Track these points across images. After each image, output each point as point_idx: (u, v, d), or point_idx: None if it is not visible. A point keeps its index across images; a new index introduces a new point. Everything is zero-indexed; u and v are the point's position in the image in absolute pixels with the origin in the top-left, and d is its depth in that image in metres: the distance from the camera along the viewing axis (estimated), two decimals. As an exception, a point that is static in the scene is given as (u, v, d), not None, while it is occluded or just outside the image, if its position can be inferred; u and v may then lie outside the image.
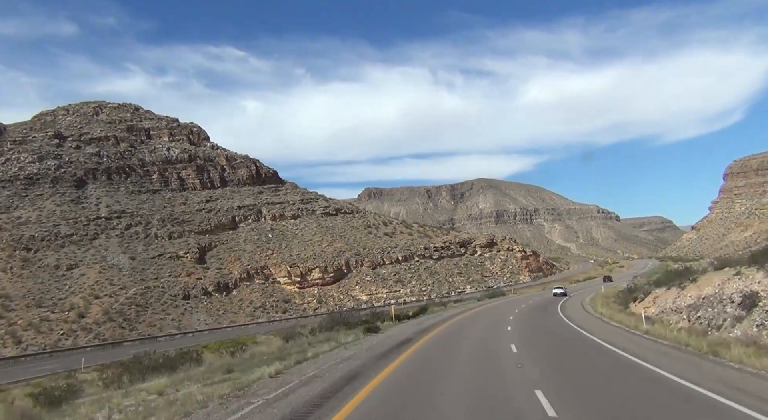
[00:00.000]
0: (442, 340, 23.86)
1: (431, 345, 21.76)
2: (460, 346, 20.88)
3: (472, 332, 27.20)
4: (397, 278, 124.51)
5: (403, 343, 22.90)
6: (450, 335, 26.00)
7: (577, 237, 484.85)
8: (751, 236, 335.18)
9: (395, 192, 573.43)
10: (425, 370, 15.60)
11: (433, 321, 36.39)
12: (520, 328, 27.54)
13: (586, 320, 30.34)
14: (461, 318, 38.70)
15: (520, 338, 22.18)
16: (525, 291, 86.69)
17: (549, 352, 18.45)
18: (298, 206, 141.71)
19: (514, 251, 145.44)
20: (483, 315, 40.14)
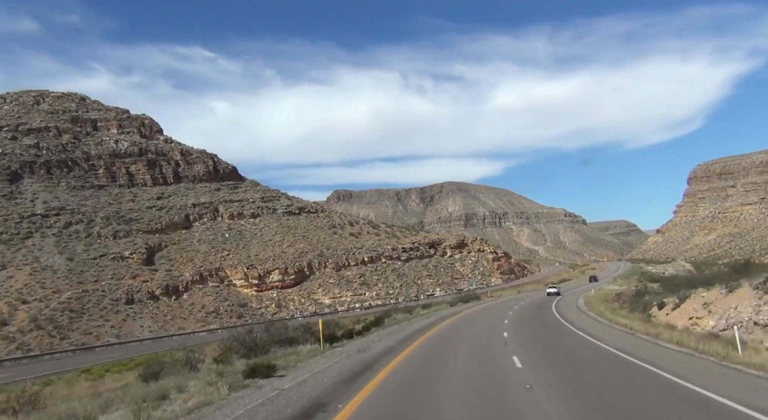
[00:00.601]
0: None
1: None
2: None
3: (459, 372, 14.90)
4: (363, 281, 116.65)
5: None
6: (412, 392, 12.26)
7: (545, 240, 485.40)
8: (715, 239, 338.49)
9: (364, 194, 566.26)
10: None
11: (387, 344, 22.32)
12: (540, 367, 14.96)
13: (623, 340, 20.17)
14: (433, 336, 25.67)
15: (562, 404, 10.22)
16: (500, 294, 79.82)
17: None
18: (259, 204, 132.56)
19: (486, 253, 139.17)
20: (464, 329, 28.34)
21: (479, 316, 37.67)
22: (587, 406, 9.79)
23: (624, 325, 23.13)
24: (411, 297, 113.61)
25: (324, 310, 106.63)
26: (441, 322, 33.76)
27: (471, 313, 40.42)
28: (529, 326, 28.18)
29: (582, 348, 19.04)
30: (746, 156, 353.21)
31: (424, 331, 28.00)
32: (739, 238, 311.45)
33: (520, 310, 40.29)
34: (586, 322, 28.66)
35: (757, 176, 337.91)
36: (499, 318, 33.27)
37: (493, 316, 36.16)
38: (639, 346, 18.05)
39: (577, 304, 40.91)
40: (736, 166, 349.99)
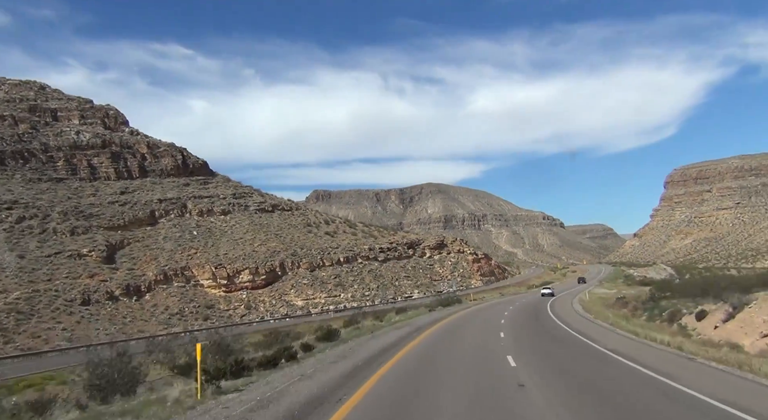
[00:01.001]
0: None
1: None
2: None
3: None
4: (338, 282, 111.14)
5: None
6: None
7: (524, 243, 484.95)
8: (691, 244, 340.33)
9: (344, 195, 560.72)
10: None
11: (319, 383, 13.95)
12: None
13: (690, 372, 14.03)
14: (401, 365, 17.05)
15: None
16: (482, 297, 75.11)
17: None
18: (230, 201, 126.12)
19: (466, 254, 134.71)
20: (447, 350, 20.30)
21: (465, 325, 30.44)
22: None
23: (661, 341, 17.45)
24: (388, 299, 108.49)
25: (296, 312, 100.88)
26: (415, 336, 25.45)
27: (454, 321, 33.17)
28: (540, 345, 20.63)
29: (638, 386, 12.39)
30: (722, 161, 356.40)
31: (389, 353, 19.48)
32: (715, 242, 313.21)
33: (515, 318, 33.68)
34: (610, 337, 21.37)
35: (732, 181, 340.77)
36: (492, 330, 26.31)
37: (483, 326, 29.06)
38: (730, 386, 11.89)
39: (575, 308, 36.12)
40: (712, 171, 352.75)
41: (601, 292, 55.62)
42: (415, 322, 31.42)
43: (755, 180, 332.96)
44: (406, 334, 26.19)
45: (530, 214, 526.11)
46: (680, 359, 15.79)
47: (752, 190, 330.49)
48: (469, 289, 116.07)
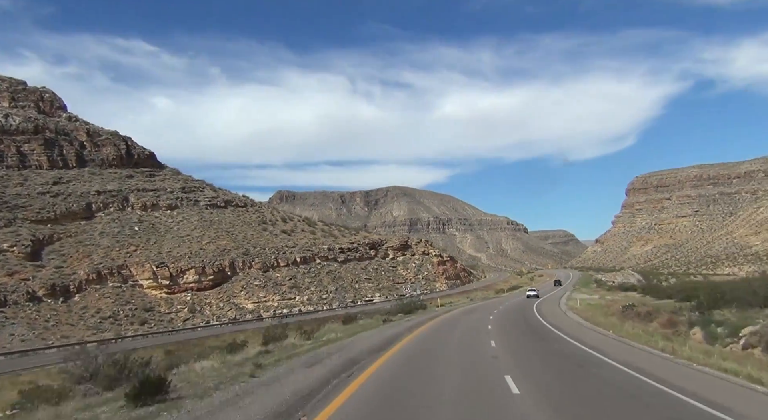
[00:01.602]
0: None
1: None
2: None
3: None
4: (293, 283, 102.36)
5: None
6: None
7: (488, 247, 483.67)
8: (652, 250, 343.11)
9: (308, 196, 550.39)
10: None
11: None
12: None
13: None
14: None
15: None
16: (449, 302, 67.22)
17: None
18: (178, 195, 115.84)
19: (431, 256, 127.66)
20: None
21: (436, 354, 18.43)
22: None
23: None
24: (347, 302, 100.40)
25: (246, 316, 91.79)
26: (342, 386, 12.85)
27: (416, 343, 21.95)
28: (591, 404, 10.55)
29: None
30: (681, 170, 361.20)
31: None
32: (674, 249, 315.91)
33: (508, 335, 23.77)
34: (698, 380, 12.01)
35: (691, 189, 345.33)
36: (487, 367, 15.24)
37: (467, 356, 17.72)
38: None
39: (576, 319, 28.36)
40: (672, 180, 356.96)
41: (588, 298, 49.20)
42: (351, 347, 19.41)
43: (713, 189, 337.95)
44: (343, 367, 15.15)
45: (495, 219, 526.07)
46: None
47: (710, 198, 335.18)
48: (434, 292, 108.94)
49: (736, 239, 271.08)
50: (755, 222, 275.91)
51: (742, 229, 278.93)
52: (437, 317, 37.29)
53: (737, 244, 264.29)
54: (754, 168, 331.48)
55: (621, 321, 23.11)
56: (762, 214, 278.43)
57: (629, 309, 26.77)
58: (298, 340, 19.27)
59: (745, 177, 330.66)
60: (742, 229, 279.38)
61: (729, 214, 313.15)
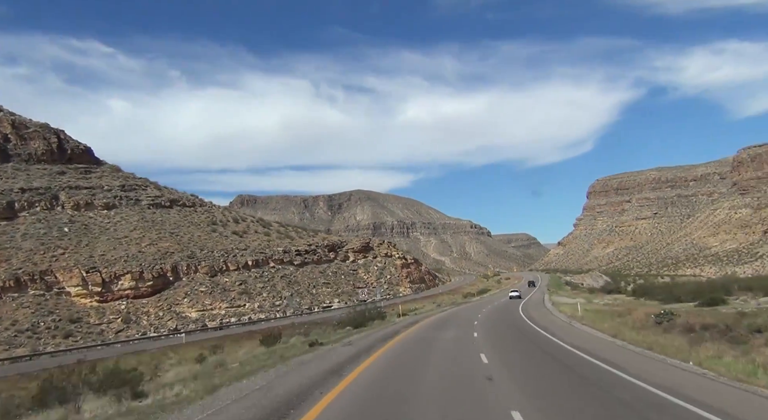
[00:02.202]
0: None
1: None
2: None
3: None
4: (244, 289, 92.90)
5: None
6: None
7: (452, 251, 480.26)
8: (613, 252, 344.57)
9: (270, 200, 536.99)
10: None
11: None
12: None
13: None
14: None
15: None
16: (414, 308, 58.75)
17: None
18: (116, 193, 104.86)
19: (394, 258, 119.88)
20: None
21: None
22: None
23: None
24: (303, 309, 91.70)
25: (189, 325, 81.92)
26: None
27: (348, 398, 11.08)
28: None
29: None
30: (640, 172, 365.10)
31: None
32: (635, 251, 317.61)
33: (523, 381, 12.52)
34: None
35: (650, 192, 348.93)
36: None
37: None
38: None
39: (604, 338, 20.29)
40: (631, 182, 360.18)
41: (583, 303, 41.79)
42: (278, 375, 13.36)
43: (671, 191, 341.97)
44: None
45: (458, 223, 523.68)
46: None
47: (668, 200, 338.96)
48: (396, 297, 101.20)
49: (695, 241, 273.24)
50: (713, 224, 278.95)
51: (701, 230, 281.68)
52: (396, 336, 25.83)
53: (696, 245, 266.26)
54: (710, 171, 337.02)
55: (668, 338, 15.57)
56: (719, 216, 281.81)
57: (664, 318, 19.45)
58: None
59: (701, 179, 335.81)
60: (700, 230, 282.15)
61: (687, 216, 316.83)
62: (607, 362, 13.79)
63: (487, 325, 28.90)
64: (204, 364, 16.90)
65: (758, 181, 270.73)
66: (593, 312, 27.72)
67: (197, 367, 17.75)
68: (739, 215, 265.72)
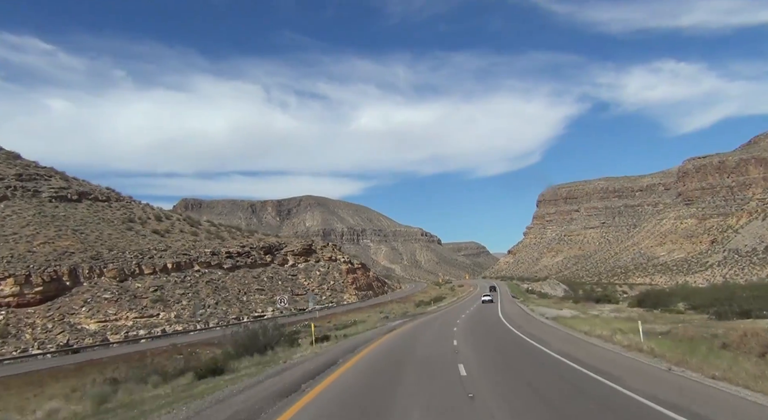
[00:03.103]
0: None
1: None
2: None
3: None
4: (158, 296, 78.22)
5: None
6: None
7: (402, 259, 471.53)
8: (562, 261, 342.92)
9: (216, 204, 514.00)
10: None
11: None
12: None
13: None
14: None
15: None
16: (353, 320, 46.46)
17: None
18: (10, 183, 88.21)
19: (339, 262, 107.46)
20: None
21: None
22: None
23: None
24: (230, 319, 77.93)
25: (85, 339, 66.87)
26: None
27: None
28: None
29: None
30: (589, 182, 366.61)
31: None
32: (584, 259, 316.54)
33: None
34: None
35: (598, 201, 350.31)
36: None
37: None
38: None
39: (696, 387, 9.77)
40: (580, 192, 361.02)
41: (586, 317, 31.59)
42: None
43: (618, 201, 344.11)
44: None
45: (409, 230, 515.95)
46: None
47: (616, 210, 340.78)
48: (340, 305, 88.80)
49: (642, 250, 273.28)
50: (659, 233, 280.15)
51: (648, 240, 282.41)
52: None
53: (644, 254, 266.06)
54: (655, 181, 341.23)
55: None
56: (665, 226, 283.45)
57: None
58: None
59: (646, 190, 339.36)
60: (647, 240, 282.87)
61: (633, 226, 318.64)
62: None
63: (493, 376, 13.98)
64: None
65: (702, 192, 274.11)
66: (653, 336, 17.10)
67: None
68: (684, 225, 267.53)
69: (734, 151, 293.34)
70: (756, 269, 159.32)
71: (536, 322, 30.50)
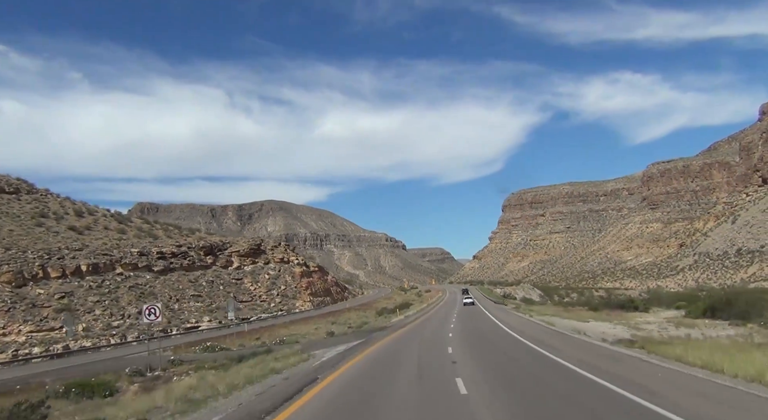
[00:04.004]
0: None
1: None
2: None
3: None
4: (64, 304, 63.65)
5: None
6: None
7: (366, 264, 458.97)
8: (528, 266, 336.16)
9: (174, 209, 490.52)
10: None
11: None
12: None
13: None
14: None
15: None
16: (282, 336, 33.13)
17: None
18: None
19: (292, 265, 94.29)
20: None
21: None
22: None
23: None
24: (154, 331, 63.81)
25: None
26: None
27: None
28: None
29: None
30: (554, 186, 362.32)
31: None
32: (550, 264, 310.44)
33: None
34: None
35: (563, 206, 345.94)
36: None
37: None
38: None
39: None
40: (545, 196, 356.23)
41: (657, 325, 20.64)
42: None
43: (583, 206, 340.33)
44: None
45: (373, 236, 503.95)
46: None
47: (580, 215, 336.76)
48: (291, 314, 75.65)
49: (609, 254, 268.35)
50: (625, 238, 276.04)
51: (614, 244, 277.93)
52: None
53: (611, 259, 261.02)
54: (619, 186, 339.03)
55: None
56: (630, 230, 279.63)
57: None
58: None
59: (611, 194, 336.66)
60: (613, 244, 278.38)
61: (598, 230, 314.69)
62: None
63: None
64: None
65: (667, 196, 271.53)
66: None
67: None
68: (650, 229, 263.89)
69: (698, 155, 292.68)
70: (730, 273, 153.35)
71: (605, 353, 17.83)
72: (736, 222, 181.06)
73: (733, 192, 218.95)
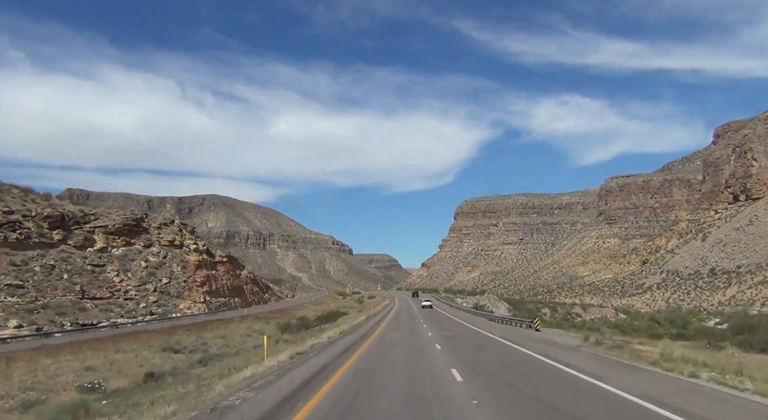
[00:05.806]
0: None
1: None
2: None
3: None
4: None
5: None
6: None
7: (310, 267, 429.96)
8: (479, 276, 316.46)
9: (107, 197, 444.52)
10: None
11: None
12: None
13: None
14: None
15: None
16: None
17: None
18: None
19: (186, 250, 67.24)
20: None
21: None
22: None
23: None
24: None
25: None
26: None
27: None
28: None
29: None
30: (509, 197, 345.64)
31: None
32: (501, 276, 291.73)
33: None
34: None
35: (517, 217, 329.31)
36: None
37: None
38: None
39: None
40: (499, 206, 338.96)
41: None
42: None
43: (537, 218, 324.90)
44: None
45: (320, 238, 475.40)
46: None
47: (534, 227, 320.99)
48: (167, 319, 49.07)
49: (563, 269, 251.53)
50: (581, 252, 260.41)
51: (568, 259, 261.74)
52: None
53: (566, 273, 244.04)
54: (574, 200, 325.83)
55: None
56: (586, 245, 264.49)
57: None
58: None
59: (565, 208, 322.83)
60: (568, 259, 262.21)
61: (552, 244, 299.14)
62: None
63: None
64: None
65: (625, 212, 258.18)
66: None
67: None
68: (607, 245, 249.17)
69: (657, 171, 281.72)
70: (705, 294, 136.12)
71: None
72: (707, 240, 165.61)
73: (696, 209, 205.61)
